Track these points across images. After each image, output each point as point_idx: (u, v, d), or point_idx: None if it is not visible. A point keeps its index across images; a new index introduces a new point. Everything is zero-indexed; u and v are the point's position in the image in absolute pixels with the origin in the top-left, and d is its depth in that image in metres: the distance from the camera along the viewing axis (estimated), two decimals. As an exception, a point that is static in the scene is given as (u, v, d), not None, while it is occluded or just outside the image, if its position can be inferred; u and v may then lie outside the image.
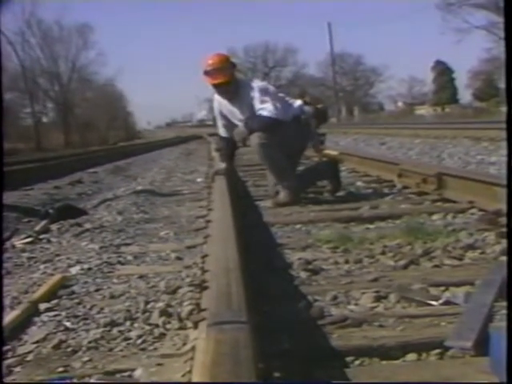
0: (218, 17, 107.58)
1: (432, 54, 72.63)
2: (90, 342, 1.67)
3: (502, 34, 27.56)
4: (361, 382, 1.33)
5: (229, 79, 4.04)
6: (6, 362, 1.56)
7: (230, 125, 4.26)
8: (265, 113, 3.94)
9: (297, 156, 4.33)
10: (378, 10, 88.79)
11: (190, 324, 1.70)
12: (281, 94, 4.34)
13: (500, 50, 29.87)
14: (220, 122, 4.37)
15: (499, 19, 29.48)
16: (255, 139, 3.94)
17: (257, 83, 4.14)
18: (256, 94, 3.97)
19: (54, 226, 3.83)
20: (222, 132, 4.39)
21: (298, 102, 4.24)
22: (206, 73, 4.04)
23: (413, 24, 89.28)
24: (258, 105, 3.96)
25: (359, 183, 4.99)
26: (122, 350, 1.61)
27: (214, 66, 4.02)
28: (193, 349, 1.48)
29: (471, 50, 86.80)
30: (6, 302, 2.11)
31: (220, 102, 4.25)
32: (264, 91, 4.02)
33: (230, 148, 4.42)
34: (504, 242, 2.37)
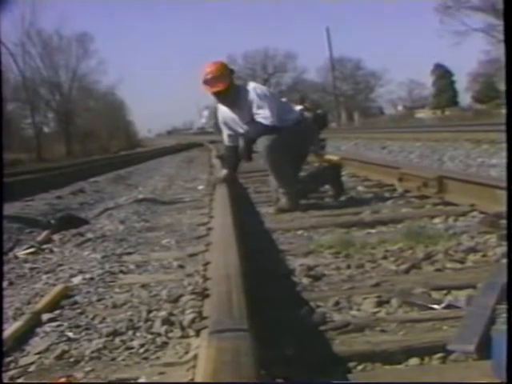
0: (217, 24, 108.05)
1: (431, 57, 72.80)
2: (92, 352, 1.67)
3: (500, 36, 27.62)
4: (361, 382, 1.33)
5: (227, 86, 4.03)
6: (9, 374, 1.57)
7: (234, 133, 4.27)
8: (261, 120, 3.95)
9: (299, 161, 4.32)
10: (376, 14, 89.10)
11: (192, 332, 1.70)
12: (283, 99, 4.34)
13: (499, 52, 29.94)
14: (224, 132, 4.35)
15: (497, 21, 29.52)
16: (264, 141, 3.93)
17: (252, 86, 4.09)
18: (253, 97, 3.97)
19: (56, 236, 3.83)
20: (227, 141, 4.37)
21: (299, 107, 4.24)
22: (205, 82, 4.04)
23: (411, 27, 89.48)
24: (255, 109, 3.97)
25: (360, 188, 5.00)
26: (124, 360, 1.61)
27: (212, 75, 4.01)
28: (195, 357, 1.48)
29: (470, 53, 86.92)
30: (9, 313, 2.11)
31: (222, 111, 4.24)
32: (260, 95, 3.99)
33: (235, 157, 4.38)
34: (505, 245, 2.36)
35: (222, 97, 4.10)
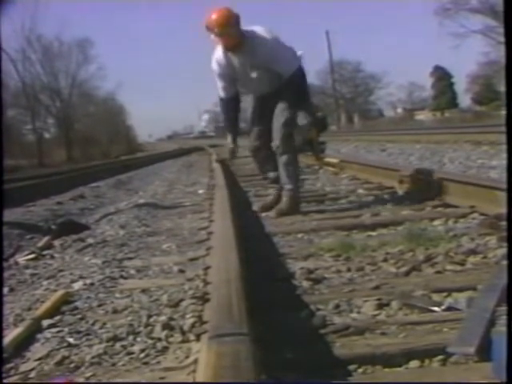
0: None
1: (431, 59, 72.88)
2: (93, 358, 1.67)
3: (499, 37, 27.66)
4: (361, 381, 1.33)
5: (239, 38, 3.88)
6: (9, 380, 1.57)
7: (231, 84, 4.13)
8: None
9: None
10: (376, 16, 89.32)
11: (192, 337, 1.70)
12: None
13: (498, 53, 29.96)
14: (220, 84, 4.15)
15: (495, 23, 29.56)
16: (281, 128, 4.01)
17: (262, 36, 3.89)
18: (268, 50, 3.86)
19: (56, 242, 3.84)
20: (222, 93, 4.19)
21: (299, 53, 4.17)
22: (214, 33, 3.86)
23: (411, 30, 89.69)
24: (276, 62, 3.93)
25: (360, 190, 5.00)
26: (124, 365, 1.61)
27: (222, 29, 3.81)
28: (195, 361, 1.48)
29: (469, 55, 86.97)
30: (10, 319, 2.11)
31: (220, 62, 4.04)
32: (278, 44, 3.92)
33: (232, 110, 4.23)
34: (506, 246, 2.36)
35: (230, 47, 3.95)
